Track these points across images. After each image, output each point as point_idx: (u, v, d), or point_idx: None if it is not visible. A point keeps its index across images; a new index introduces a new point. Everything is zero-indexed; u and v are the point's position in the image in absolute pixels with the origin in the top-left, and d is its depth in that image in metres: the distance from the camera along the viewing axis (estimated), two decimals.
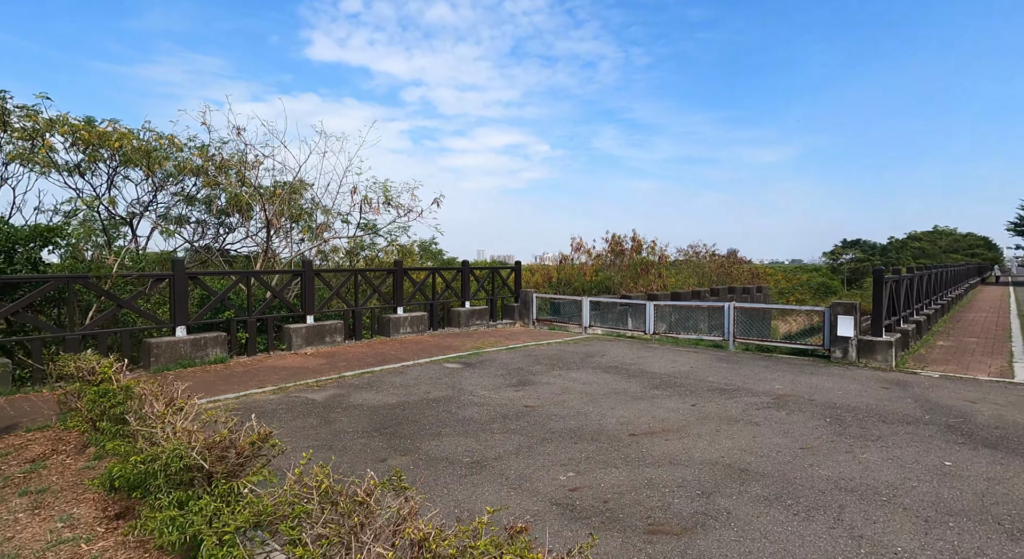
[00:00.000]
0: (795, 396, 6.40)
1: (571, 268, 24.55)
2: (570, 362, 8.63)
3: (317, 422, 5.13)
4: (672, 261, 32.18)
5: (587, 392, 6.53)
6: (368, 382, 6.93)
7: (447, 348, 9.88)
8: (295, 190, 12.42)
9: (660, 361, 8.83)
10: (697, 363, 8.66)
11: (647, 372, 7.86)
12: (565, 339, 11.54)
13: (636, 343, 11.03)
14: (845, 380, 7.38)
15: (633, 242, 26.05)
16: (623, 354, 9.54)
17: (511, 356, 9.13)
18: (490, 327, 13.24)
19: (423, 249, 16.89)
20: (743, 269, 34.78)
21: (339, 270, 11.15)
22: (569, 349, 10.06)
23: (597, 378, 7.38)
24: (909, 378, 7.56)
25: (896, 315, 10.07)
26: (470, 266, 13.38)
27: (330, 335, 9.67)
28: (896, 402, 6.13)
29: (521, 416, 5.42)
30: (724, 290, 26.66)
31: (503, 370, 7.86)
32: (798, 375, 7.70)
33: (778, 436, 4.82)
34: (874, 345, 8.55)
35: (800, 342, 9.72)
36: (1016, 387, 7.00)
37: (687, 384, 7.04)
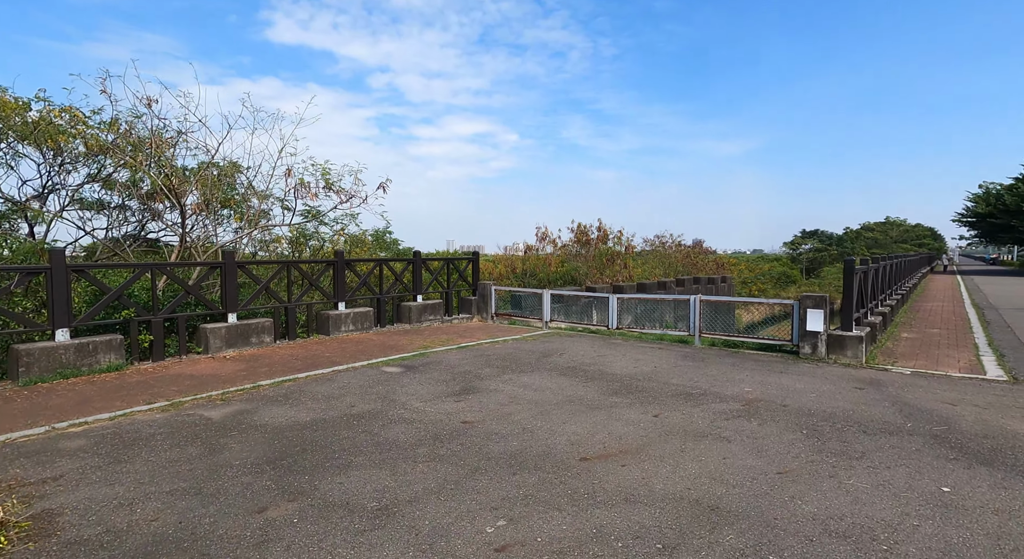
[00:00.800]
0: (766, 401, 5.79)
1: (536, 259, 23.81)
2: (525, 363, 7.85)
3: (199, 452, 4.15)
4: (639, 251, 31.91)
5: (538, 401, 5.74)
6: (286, 393, 5.95)
7: (391, 348, 8.94)
8: (225, 173, 11.14)
9: (622, 360, 8.15)
10: (661, 362, 8.02)
11: (607, 374, 7.15)
12: (524, 335, 10.76)
13: (598, 339, 10.35)
14: (816, 380, 6.85)
15: (599, 232, 25.50)
16: (584, 352, 8.83)
17: (460, 357, 8.27)
18: (445, 323, 12.34)
19: (376, 239, 15.77)
20: (708, 259, 34.87)
21: (267, 262, 10.03)
22: (526, 347, 9.28)
23: (552, 383, 6.62)
24: (881, 376, 7.10)
25: (864, 307, 9.70)
26: (423, 257, 12.41)
27: (257, 335, 8.58)
28: (873, 406, 5.59)
29: (455, 436, 4.58)
30: (690, 280, 26.50)
31: (448, 374, 7.00)
32: (767, 375, 7.14)
33: (751, 456, 4.15)
34: (844, 340, 8.10)
35: (768, 337, 9.23)
36: (990, 385, 6.61)
37: (650, 388, 6.36)
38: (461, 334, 10.72)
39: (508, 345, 9.50)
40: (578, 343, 9.80)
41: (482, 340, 10.04)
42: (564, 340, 10.17)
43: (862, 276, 10.09)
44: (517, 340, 10.14)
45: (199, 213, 10.56)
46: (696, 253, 34.23)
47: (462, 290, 13.51)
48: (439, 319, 12.23)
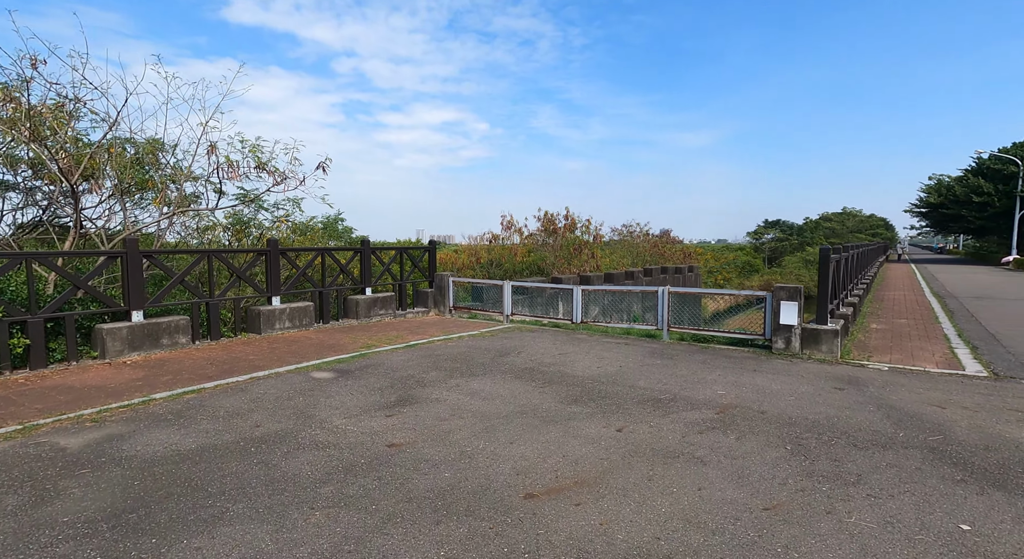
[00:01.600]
0: (742, 407, 5.15)
1: (501, 249, 22.95)
2: (478, 364, 7.02)
3: (20, 502, 3.15)
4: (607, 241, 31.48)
5: (485, 413, 4.93)
6: (180, 409, 4.94)
7: (329, 348, 7.95)
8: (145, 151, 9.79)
9: (586, 358, 7.43)
10: (628, 360, 7.33)
11: (568, 376, 6.40)
12: (482, 331, 9.93)
13: (562, 334, 9.61)
14: (793, 379, 6.28)
15: (566, 220, 24.80)
16: (544, 349, 8.07)
17: (406, 357, 7.37)
18: (397, 317, 11.38)
19: (327, 227, 14.58)
20: (676, 249, 34.78)
21: (184, 251, 8.83)
22: (482, 345, 8.45)
23: (505, 388, 5.81)
24: (859, 373, 6.59)
25: (836, 298, 9.27)
26: (373, 246, 11.38)
27: (170, 336, 7.45)
28: (858, 411, 5.02)
29: (375, 466, 3.71)
30: (657, 270, 26.21)
31: (386, 380, 6.10)
32: (740, 374, 6.53)
33: (731, 485, 3.44)
34: (819, 334, 7.59)
35: (739, 332, 8.70)
36: (972, 382, 6.18)
37: (614, 393, 5.63)
38: (413, 330, 9.80)
39: (463, 342, 8.65)
40: (539, 339, 9.04)
41: (435, 337, 9.16)
42: (525, 336, 9.39)
43: (835, 266, 9.68)
44: (474, 336, 9.30)
45: (113, 196, 9.24)
46: (664, 243, 34.07)
47: (419, 282, 12.56)
48: (391, 313, 11.26)
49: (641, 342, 8.86)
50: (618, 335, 9.59)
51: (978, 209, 39.04)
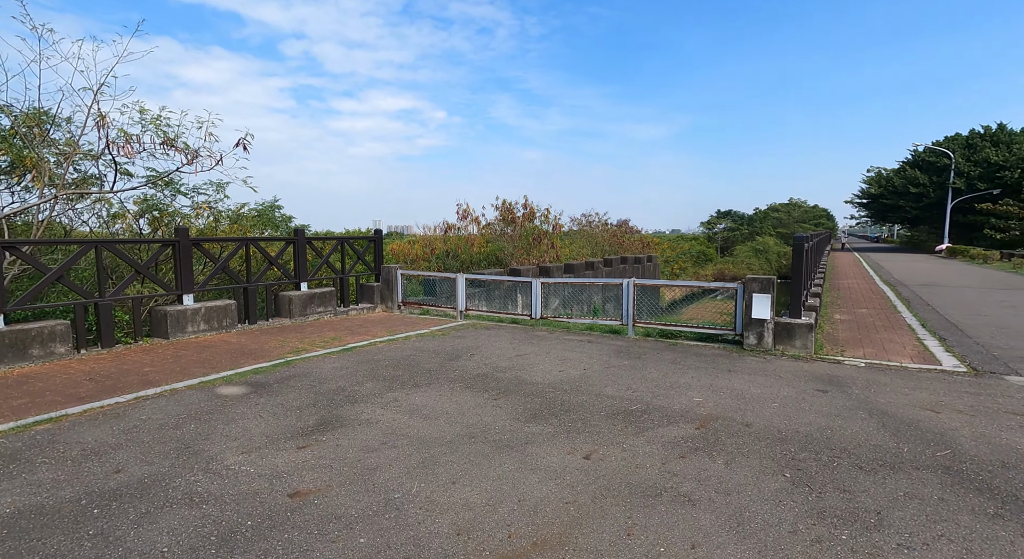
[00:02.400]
0: (724, 419, 4.48)
1: (457, 239, 21.92)
2: (423, 371, 6.10)
3: None
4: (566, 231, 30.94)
5: (425, 439, 4.03)
6: (18, 449, 3.77)
7: (249, 355, 6.81)
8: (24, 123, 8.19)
9: (546, 360, 6.64)
10: (592, 361, 6.60)
11: (526, 384, 5.58)
12: (432, 329, 8.98)
13: (520, 331, 8.80)
14: (771, 380, 5.71)
15: (525, 210, 23.98)
16: (501, 350, 7.23)
17: (339, 365, 6.35)
18: (338, 315, 10.25)
19: (261, 215, 13.13)
20: (634, 239, 34.70)
21: (62, 241, 7.43)
22: (431, 346, 7.52)
23: (452, 402, 4.93)
24: (838, 371, 6.12)
25: (806, 289, 8.89)
26: (309, 236, 10.17)
27: (42, 345, 6.11)
28: (850, 420, 4.45)
29: (264, 532, 2.76)
30: (617, 260, 25.88)
31: (309, 396, 5.09)
32: (715, 376, 5.91)
33: (732, 538, 2.71)
34: (793, 329, 7.10)
35: (708, 326, 8.15)
36: (954, 379, 5.81)
37: (579, 405, 4.86)
38: (355, 330, 8.73)
39: (409, 344, 7.68)
40: (496, 338, 8.19)
41: (378, 337, 8.14)
42: (480, 334, 8.51)
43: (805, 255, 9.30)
44: (423, 336, 8.35)
45: None
46: (623, 233, 33.89)
47: (364, 276, 11.43)
48: (331, 311, 10.11)
49: (605, 339, 8.16)
50: (580, 331, 8.88)
51: (915, 199, 41.07)
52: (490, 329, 9.10)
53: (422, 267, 19.25)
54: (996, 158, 36.31)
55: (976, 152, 37.52)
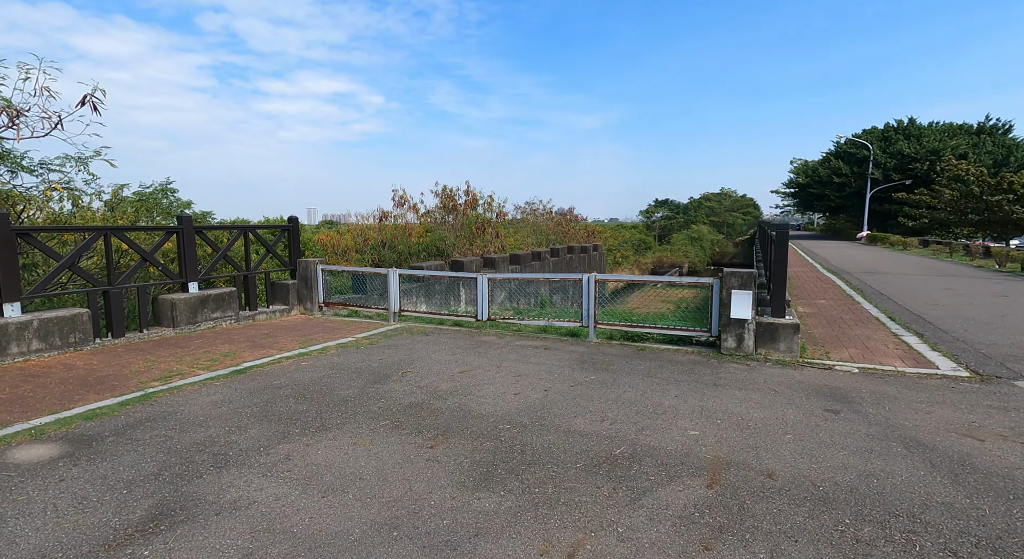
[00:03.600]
0: (737, 466, 3.40)
1: (393, 228, 20.06)
2: (337, 402, 4.62)
3: None
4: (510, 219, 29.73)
5: (318, 540, 2.62)
6: None
7: (91, 386, 5.01)
8: None
9: (497, 377, 5.35)
10: (553, 376, 5.38)
11: (473, 416, 4.27)
12: (358, 337, 7.44)
13: (464, 337, 7.44)
14: (768, 398, 4.74)
15: (467, 196, 22.47)
16: (441, 365, 5.86)
17: (221, 397, 4.73)
18: (242, 321, 8.43)
19: (145, 200, 10.82)
20: (579, 227, 34.07)
21: None
22: (354, 360, 6.01)
23: (369, 458, 3.53)
24: (834, 381, 5.27)
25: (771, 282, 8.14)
26: (198, 226, 8.24)
27: None
28: (889, 459, 3.51)
29: None
30: (564, 249, 25.00)
31: (156, 458, 3.50)
32: (702, 392, 4.87)
33: None
34: (777, 330, 6.23)
35: (679, 326, 7.17)
36: (963, 387, 5.11)
37: (544, 451, 3.61)
38: (258, 341, 7.02)
39: (326, 359, 6.13)
40: (435, 347, 6.80)
41: (287, 351, 6.51)
42: (416, 342, 7.08)
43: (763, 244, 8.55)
44: (345, 347, 6.81)
45: None
46: (567, 221, 33.16)
47: (277, 272, 9.60)
48: (231, 317, 8.27)
49: (564, 345, 6.99)
50: (534, 335, 7.65)
51: (838, 189, 43.36)
52: (429, 334, 7.69)
53: (354, 259, 17.34)
54: (908, 150, 38.85)
55: (891, 144, 40.00)
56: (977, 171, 29.25)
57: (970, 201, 29.26)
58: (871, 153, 39.28)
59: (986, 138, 38.34)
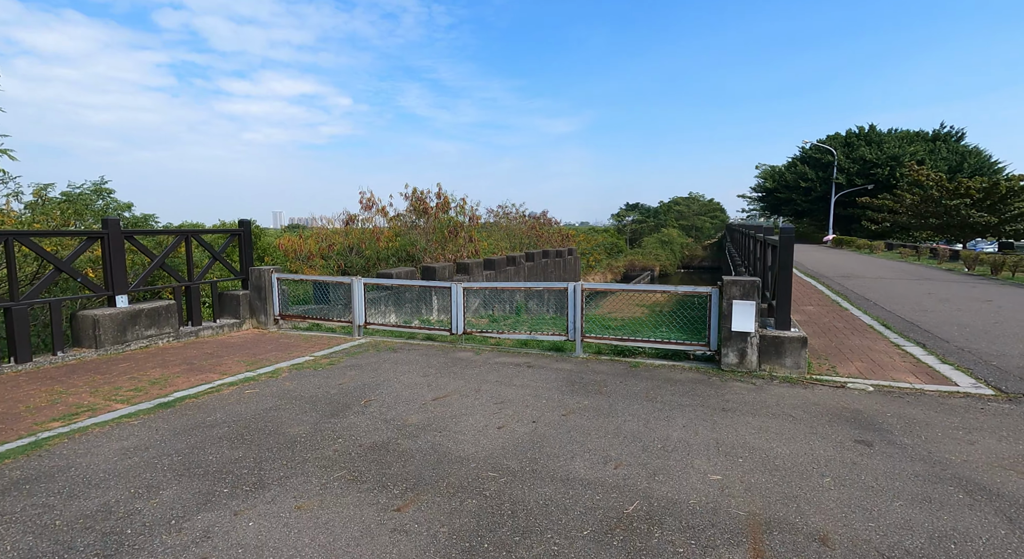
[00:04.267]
0: (781, 527, 2.75)
1: (361, 232, 19.01)
2: (283, 444, 3.79)
3: None
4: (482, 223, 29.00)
5: None
6: None
7: None
8: None
9: (476, 404, 4.60)
10: (541, 403, 4.67)
11: (450, 460, 3.51)
12: (316, 355, 6.56)
13: (437, 354, 6.66)
14: (788, 426, 4.15)
15: (439, 199, 21.60)
16: (411, 391, 5.06)
17: (135, 443, 3.82)
18: (183, 339, 7.41)
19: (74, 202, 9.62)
20: (553, 231, 33.55)
21: None
22: (309, 387, 5.15)
23: (316, 531, 2.73)
24: (852, 403, 4.74)
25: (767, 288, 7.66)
26: (128, 230, 7.20)
27: None
28: (956, 512, 2.94)
29: None
30: (539, 254, 24.38)
31: (18, 545, 2.61)
32: (714, 421, 4.25)
33: None
34: (782, 344, 5.68)
35: (672, 340, 6.57)
36: (993, 408, 4.65)
37: (540, 510, 2.89)
38: (197, 364, 6.05)
39: (276, 385, 5.25)
40: (405, 366, 5.99)
41: (229, 376, 5.59)
42: (383, 361, 6.26)
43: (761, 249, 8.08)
44: (300, 368, 5.93)
45: None
46: (541, 225, 32.61)
47: (227, 281, 8.59)
48: (169, 334, 7.25)
49: (548, 361, 6.29)
50: (514, 350, 6.93)
51: (804, 193, 44.33)
52: (398, 351, 6.87)
53: (318, 266, 16.23)
54: (870, 156, 40.02)
55: (854, 150, 41.15)
56: (936, 176, 30.21)
57: (930, 205, 30.18)
58: (835, 158, 40.30)
59: (941, 145, 39.86)
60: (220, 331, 8.02)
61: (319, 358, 6.52)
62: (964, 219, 28.32)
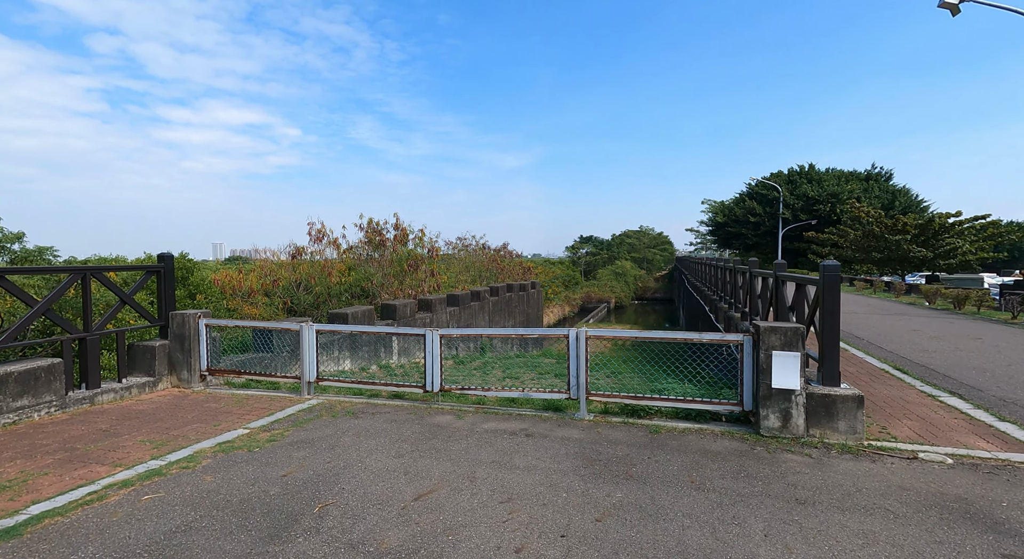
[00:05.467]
0: None
1: (310, 266, 17.27)
2: None
3: None
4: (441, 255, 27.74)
5: None
6: None
7: None
8: None
9: (476, 510, 3.32)
10: (559, 500, 3.45)
11: None
12: (252, 427, 5.06)
13: (410, 419, 5.31)
14: (899, 531, 3.16)
15: (397, 231, 20.23)
16: (382, 486, 3.71)
17: None
18: (70, 408, 5.67)
19: None
20: (514, 263, 32.73)
21: None
22: (238, 485, 3.69)
23: None
24: (942, 484, 3.83)
25: None
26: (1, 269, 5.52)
27: None
28: None
29: None
30: (503, 288, 23.27)
31: None
32: (803, 529, 3.19)
33: None
34: (833, 404, 4.77)
35: (696, 398, 5.54)
36: None
37: None
38: (80, 449, 4.42)
39: (190, 483, 3.75)
40: (371, 440, 4.62)
41: (124, 470, 4.03)
42: (342, 433, 4.85)
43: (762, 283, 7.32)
44: (229, 450, 4.44)
45: None
46: (502, 257, 31.70)
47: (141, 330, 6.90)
48: (50, 403, 5.51)
49: (549, 426, 5.10)
50: (503, 410, 5.69)
51: (754, 228, 46.04)
52: (359, 416, 5.48)
53: (261, 303, 14.35)
54: (812, 193, 42.22)
55: (797, 187, 43.35)
56: (876, 213, 31.89)
57: (871, 240, 31.70)
58: (780, 194, 42.23)
59: (874, 184, 42.70)
60: (126, 394, 6.30)
61: (256, 431, 5.03)
62: (904, 253, 29.81)
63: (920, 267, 30.96)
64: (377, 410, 5.81)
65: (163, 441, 4.75)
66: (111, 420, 5.39)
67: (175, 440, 4.78)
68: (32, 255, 8.35)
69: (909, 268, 31.57)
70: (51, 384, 5.53)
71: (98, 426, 5.18)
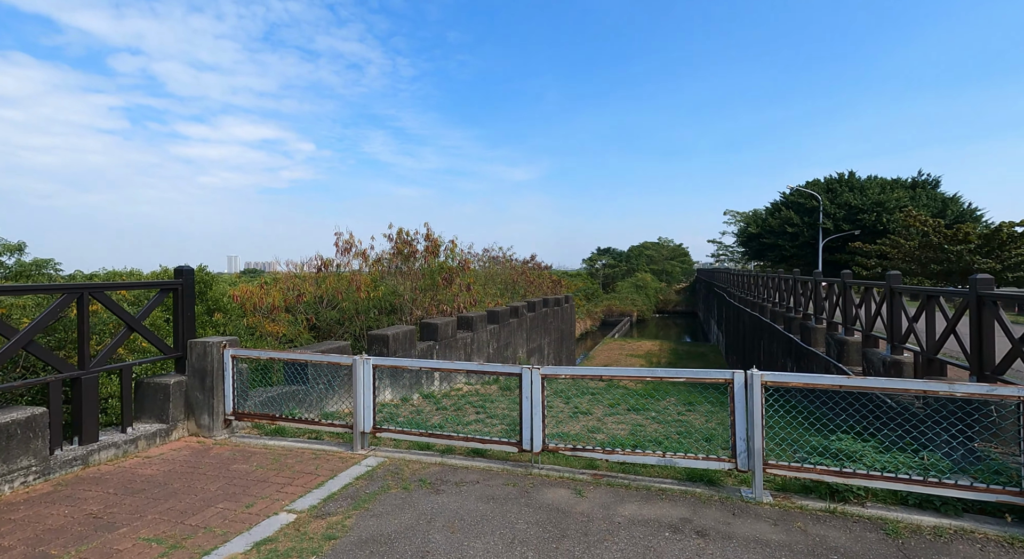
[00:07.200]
0: None
1: (336, 279, 15.86)
2: None
3: None
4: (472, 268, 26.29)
5: None
6: None
7: None
8: None
9: None
10: None
11: None
12: (298, 510, 3.51)
13: (511, 497, 3.72)
14: None
15: (428, 241, 18.80)
16: None
17: None
18: (54, 475, 4.22)
19: None
20: (544, 276, 31.14)
21: None
22: None
23: None
24: None
25: None
26: None
27: None
28: None
29: None
30: (539, 303, 21.64)
31: None
32: None
33: None
34: None
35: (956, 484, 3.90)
36: None
37: None
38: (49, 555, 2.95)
39: None
40: (476, 545, 3.05)
41: None
42: (426, 527, 3.28)
43: None
44: (268, 553, 2.90)
45: None
46: (532, 270, 30.11)
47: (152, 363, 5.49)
48: (29, 469, 4.06)
49: (723, 519, 3.47)
50: (633, 483, 4.07)
51: (791, 239, 43.88)
52: (439, 490, 3.93)
53: (283, 320, 12.92)
54: (855, 202, 40.08)
55: (837, 196, 41.23)
56: (934, 222, 29.78)
57: (929, 251, 29.55)
58: (820, 203, 40.18)
59: (921, 192, 40.41)
60: (131, 449, 4.84)
61: (306, 518, 3.51)
62: (967, 265, 27.63)
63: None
64: (460, 477, 4.27)
65: (175, 538, 3.25)
66: (107, 495, 3.91)
67: (193, 536, 3.28)
68: (29, 269, 7.02)
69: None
70: (29, 443, 4.08)
71: (87, 508, 3.70)
